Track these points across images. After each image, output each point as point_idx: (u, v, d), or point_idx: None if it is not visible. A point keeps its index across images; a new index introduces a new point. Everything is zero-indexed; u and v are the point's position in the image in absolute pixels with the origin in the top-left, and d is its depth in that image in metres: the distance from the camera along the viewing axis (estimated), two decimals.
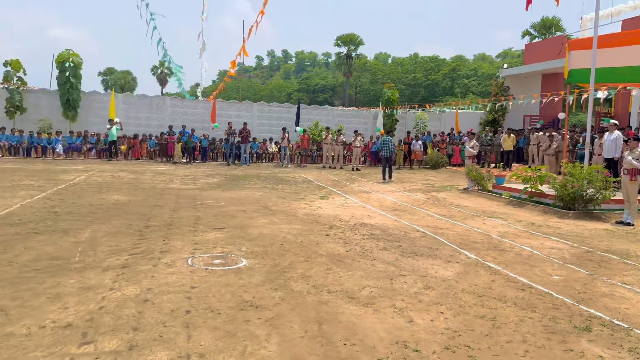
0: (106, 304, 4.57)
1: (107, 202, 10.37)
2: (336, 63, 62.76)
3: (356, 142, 22.71)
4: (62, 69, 23.36)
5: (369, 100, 61.62)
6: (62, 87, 23.42)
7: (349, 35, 58.99)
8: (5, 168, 16.38)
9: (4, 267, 5.64)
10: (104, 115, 24.27)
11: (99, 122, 24.47)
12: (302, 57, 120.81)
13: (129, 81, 72.36)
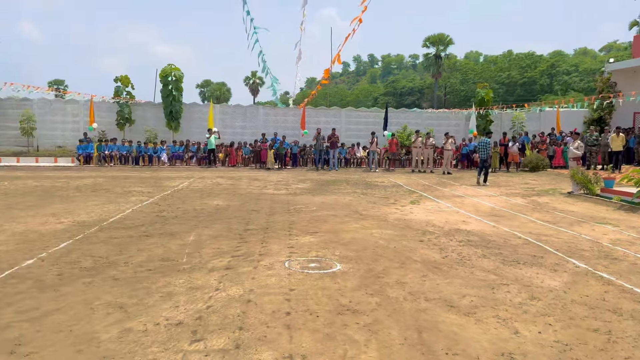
0: (213, 304, 4.83)
1: (209, 207, 10.97)
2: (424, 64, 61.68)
3: (447, 145, 22.11)
4: (165, 83, 25.15)
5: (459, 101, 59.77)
6: (166, 99, 25.20)
7: (437, 35, 57.72)
8: (118, 176, 17.91)
9: (121, 267, 6.15)
10: (203, 125, 25.77)
11: (199, 132, 26.02)
12: (388, 60, 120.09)
13: (224, 92, 76.17)
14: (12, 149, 25.13)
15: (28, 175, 17.47)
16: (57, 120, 26.20)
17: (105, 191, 13.39)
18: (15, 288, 5.27)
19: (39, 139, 25.80)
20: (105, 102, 26.47)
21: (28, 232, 8.12)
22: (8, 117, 25.10)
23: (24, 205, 10.87)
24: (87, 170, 20.44)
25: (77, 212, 10.08)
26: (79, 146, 23.47)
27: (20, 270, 5.95)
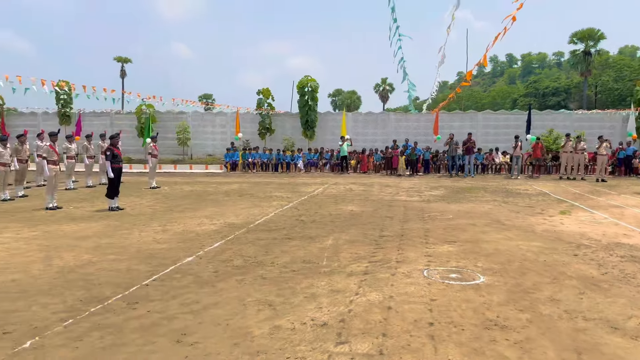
0: (354, 308, 4.90)
1: (344, 212, 11.21)
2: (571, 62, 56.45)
3: (601, 150, 19.96)
4: (302, 94, 26.34)
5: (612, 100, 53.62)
6: (302, 109, 26.38)
7: (586, 30, 52.49)
8: (260, 182, 19.14)
9: (267, 267, 6.54)
10: (336, 133, 26.48)
11: (332, 140, 26.78)
12: (529, 59, 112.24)
13: (355, 100, 77.48)
14: (171, 157, 28.21)
15: (184, 181, 19.46)
16: (207, 131, 28.85)
17: (250, 196, 14.39)
18: (179, 282, 5.88)
19: (193, 148, 28.62)
20: (249, 113, 28.52)
21: (186, 232, 9.03)
22: (167, 129, 28.25)
23: (182, 207, 12.12)
24: (233, 176, 22.17)
25: (227, 214, 10.96)
26: (227, 154, 25.57)
27: (182, 266, 6.63)
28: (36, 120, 29.75)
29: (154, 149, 17.02)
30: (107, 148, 12.11)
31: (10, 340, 4.16)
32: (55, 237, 8.54)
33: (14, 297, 5.31)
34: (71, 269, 6.46)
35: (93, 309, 4.93)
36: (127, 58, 61.70)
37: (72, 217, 10.69)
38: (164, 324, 4.54)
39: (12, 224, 9.81)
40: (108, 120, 29.37)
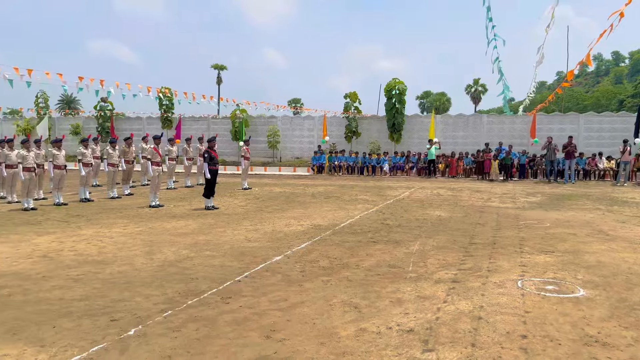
0: (442, 316, 4.79)
1: (431, 217, 10.98)
2: None
3: None
4: (389, 97, 26.16)
5: None
6: (389, 112, 26.20)
7: None
8: (345, 184, 19.28)
9: (353, 269, 6.58)
10: (424, 136, 25.99)
11: (419, 143, 26.33)
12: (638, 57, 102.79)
13: (444, 102, 75.49)
14: (261, 159, 29.26)
15: (273, 183, 20.10)
16: (295, 135, 29.58)
17: (336, 198, 14.54)
18: (268, 280, 6.09)
19: (282, 151, 29.48)
20: (336, 117, 28.84)
21: (275, 231, 9.32)
22: (258, 132, 29.34)
23: (272, 208, 12.53)
24: (319, 179, 22.53)
25: (313, 216, 11.17)
26: (314, 157, 26.05)
27: (271, 264, 6.86)
28: (141, 124, 32.20)
29: (246, 152, 17.75)
30: (204, 151, 12.82)
31: (117, 327, 4.54)
32: (157, 233, 9.19)
33: (121, 287, 5.80)
34: (171, 263, 6.93)
35: (190, 301, 5.25)
36: (223, 65, 64.97)
37: (172, 215, 11.45)
38: (255, 319, 4.73)
39: (119, 220, 10.71)
40: (205, 124, 31.08)
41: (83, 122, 32.91)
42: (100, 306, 5.10)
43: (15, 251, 7.65)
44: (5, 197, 13.82)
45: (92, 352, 3.97)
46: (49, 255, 7.36)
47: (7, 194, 13.67)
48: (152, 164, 13.14)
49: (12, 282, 5.95)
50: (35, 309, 5.00)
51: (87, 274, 6.33)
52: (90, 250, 7.74)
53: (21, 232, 9.19)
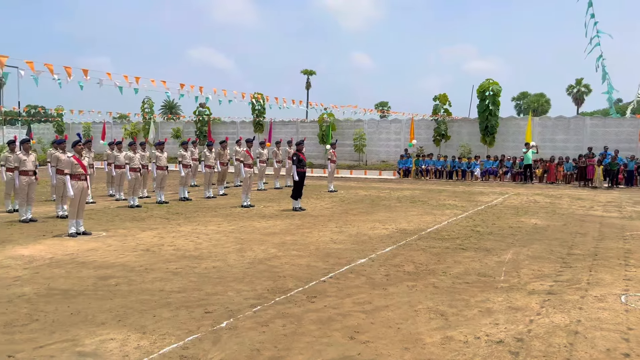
0: (534, 328, 4.55)
1: (526, 225, 10.43)
2: None
3: None
4: (482, 98, 25.19)
5: None
6: (482, 114, 25.22)
7: None
8: (433, 189, 18.86)
9: (439, 276, 6.44)
10: (519, 140, 24.72)
11: (514, 146, 25.08)
12: None
13: (542, 103, 71.25)
14: (347, 162, 29.45)
15: (359, 186, 20.15)
16: (382, 138, 29.43)
17: (422, 203, 14.28)
18: (352, 282, 6.14)
19: (368, 155, 29.47)
20: (424, 119, 28.32)
21: (360, 234, 9.35)
22: (345, 136, 29.57)
23: (357, 211, 12.58)
24: (405, 183, 22.24)
25: (398, 220, 11.06)
26: (400, 161, 25.77)
27: (355, 266, 6.90)
28: (235, 128, 33.73)
29: (333, 155, 17.99)
30: (293, 153, 13.18)
31: (211, 319, 4.81)
32: (248, 231, 9.60)
33: (215, 281, 6.13)
34: (260, 261, 7.21)
35: (278, 298, 5.43)
36: (312, 70, 66.28)
37: (262, 215, 11.89)
38: (339, 319, 4.79)
39: (214, 218, 11.30)
40: (294, 128, 31.90)
41: (183, 127, 35.11)
42: (196, 298, 5.44)
43: (121, 244, 8.36)
44: (113, 195, 15.12)
45: (187, 341, 4.24)
46: (151, 250, 7.95)
47: (115, 192, 14.94)
48: (244, 166, 13.72)
49: (119, 273, 6.51)
50: (139, 299, 5.44)
51: (184, 268, 6.77)
52: (188, 245, 8.26)
53: (127, 228, 10.01)
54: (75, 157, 9.21)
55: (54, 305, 5.18)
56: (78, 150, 9.36)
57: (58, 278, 6.24)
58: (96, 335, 4.39)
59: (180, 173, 14.86)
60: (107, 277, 6.29)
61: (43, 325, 4.61)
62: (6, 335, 4.36)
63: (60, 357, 3.92)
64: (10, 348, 4.09)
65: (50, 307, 5.14)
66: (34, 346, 4.13)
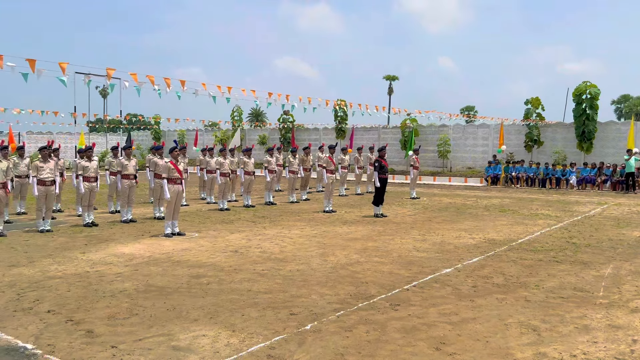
0: (638, 349, 4.18)
1: (628, 238, 9.62)
2: None
3: None
4: (578, 102, 23.61)
5: None
6: (578, 119, 23.64)
7: None
8: (524, 197, 17.93)
9: (532, 289, 6.11)
10: (620, 146, 22.90)
11: (615, 153, 23.27)
12: None
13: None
14: (430, 169, 28.82)
15: (442, 193, 19.64)
16: (468, 144, 28.49)
17: (512, 212, 13.63)
18: (437, 292, 6.00)
19: (452, 161, 28.66)
20: (514, 124, 27.05)
21: (444, 243, 9.12)
22: (428, 141, 28.98)
23: (440, 219, 12.27)
24: (493, 190, 21.34)
25: (486, 229, 10.64)
26: (488, 167, 24.77)
27: (440, 276, 6.73)
28: (318, 134, 34.26)
29: (415, 161, 17.70)
30: (375, 159, 13.15)
31: (296, 320, 4.92)
32: (330, 236, 9.70)
33: (299, 284, 6.26)
34: (342, 266, 7.26)
35: (360, 304, 5.44)
36: (394, 76, 65.69)
37: (344, 220, 11.96)
38: (424, 329, 4.70)
39: (298, 222, 11.55)
40: (376, 134, 31.80)
41: (269, 133, 36.25)
42: (281, 300, 5.59)
43: (212, 245, 8.78)
44: (205, 198, 15.94)
45: (274, 342, 4.37)
46: (239, 251, 8.28)
47: (207, 195, 15.74)
48: (326, 172, 13.89)
49: (210, 273, 6.85)
50: (228, 298, 5.69)
51: (270, 270, 6.98)
52: (273, 248, 8.51)
53: (217, 229, 10.51)
54: (172, 162, 9.83)
55: (152, 301, 5.55)
56: (174, 156, 9.97)
57: (155, 275, 6.69)
58: (190, 330, 4.65)
59: (265, 178, 15.36)
60: (199, 276, 6.64)
61: (142, 319, 4.96)
62: (110, 327, 4.74)
63: (157, 350, 4.20)
64: (113, 339, 4.44)
65: (148, 302, 5.52)
66: (134, 338, 4.46)
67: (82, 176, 11.07)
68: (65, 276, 6.61)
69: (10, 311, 5.19)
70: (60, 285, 6.15)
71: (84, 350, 4.18)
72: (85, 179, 10.99)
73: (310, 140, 31.10)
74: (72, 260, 7.57)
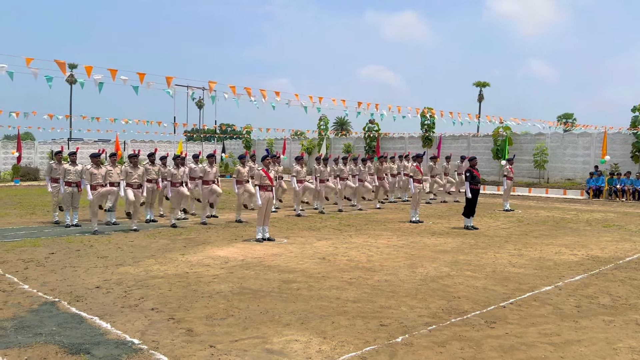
0: None
1: None
2: None
3: None
4: None
5: None
6: None
7: None
8: (630, 212, 16.45)
9: None
10: None
11: None
12: None
13: None
14: (525, 180, 27.33)
15: (539, 205, 18.53)
16: (567, 154, 26.69)
17: (618, 228, 12.55)
18: (536, 310, 5.65)
19: (550, 172, 26.98)
20: (619, 133, 24.95)
21: (543, 259, 8.59)
22: (523, 151, 27.52)
23: (538, 233, 11.58)
24: (596, 204, 19.80)
25: (589, 246, 9.89)
26: (589, 179, 23.03)
27: (539, 294, 6.35)
28: (403, 143, 33.82)
29: (509, 171, 16.90)
30: (466, 169, 12.71)
31: (386, 332, 4.87)
32: (418, 247, 9.51)
33: (387, 295, 6.19)
34: (432, 278, 7.07)
35: (453, 319, 5.26)
36: (485, 82, 63.25)
37: (432, 231, 11.67)
38: (523, 349, 4.45)
39: (384, 232, 11.45)
40: (465, 142, 30.79)
41: (354, 142, 36.39)
42: (370, 310, 5.55)
43: (300, 252, 8.95)
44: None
45: (365, 352, 4.35)
46: (327, 258, 8.37)
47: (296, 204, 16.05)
48: (413, 181, 13.66)
49: (299, 278, 6.98)
50: (318, 304, 5.75)
51: (358, 279, 6.97)
52: (360, 257, 8.50)
53: (305, 236, 10.70)
54: (264, 170, 10.17)
55: (246, 303, 5.76)
56: (266, 164, 10.31)
57: (249, 278, 6.94)
58: (282, 335, 4.76)
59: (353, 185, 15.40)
60: (289, 281, 6.79)
61: (237, 321, 5.16)
62: (208, 327, 4.97)
63: (252, 352, 4.34)
64: (211, 339, 4.66)
65: (243, 304, 5.73)
66: (230, 339, 4.64)
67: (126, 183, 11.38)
68: (167, 276, 7.05)
69: (119, 307, 5.62)
70: (163, 285, 6.57)
71: (185, 348, 4.42)
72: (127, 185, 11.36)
73: (395, 149, 30.78)
74: (173, 261, 8.06)
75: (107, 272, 7.22)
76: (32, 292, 6.14)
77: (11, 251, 8.62)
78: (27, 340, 4.54)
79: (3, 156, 30.47)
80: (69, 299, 5.86)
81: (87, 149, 29.93)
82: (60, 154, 12.36)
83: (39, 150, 32.11)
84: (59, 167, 11.94)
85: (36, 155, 31.84)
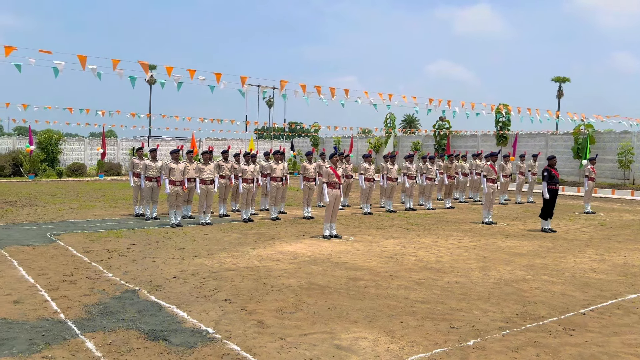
0: None
1: None
2: None
3: None
4: None
5: None
6: None
7: None
8: None
9: None
10: None
11: None
12: None
13: None
14: (608, 181, 25.61)
15: (623, 208, 17.31)
16: None
17: None
18: (620, 319, 5.30)
19: (636, 172, 25.11)
20: None
21: (628, 265, 8.03)
22: (606, 150, 25.80)
23: (622, 237, 10.83)
24: None
25: None
26: None
27: (623, 302, 5.94)
28: (476, 141, 32.74)
29: (591, 172, 15.90)
30: (544, 169, 12.11)
31: (457, 334, 4.75)
32: (491, 250, 9.19)
33: (458, 297, 6.04)
34: (506, 282, 6.81)
35: (529, 325, 5.05)
36: (565, 77, 59.84)
37: (506, 233, 11.23)
38: (604, 359, 4.19)
39: (454, 233, 11.16)
40: (543, 141, 29.32)
41: (422, 140, 35.74)
42: (440, 312, 5.45)
43: (367, 250, 8.93)
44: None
45: (434, 353, 4.27)
46: (394, 257, 8.29)
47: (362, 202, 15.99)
48: (487, 181, 13.19)
49: (367, 276, 6.97)
50: (386, 303, 5.72)
51: (427, 279, 6.86)
52: (429, 257, 8.35)
53: (371, 234, 10.65)
54: (332, 168, 10.24)
55: (314, 299, 5.83)
56: (334, 162, 10.37)
57: (316, 274, 7.02)
58: (350, 331, 4.78)
59: (421, 184, 15.17)
60: (357, 279, 6.80)
61: (306, 315, 5.24)
62: (278, 320, 5.09)
63: (321, 347, 4.39)
64: (281, 331, 4.76)
65: (311, 299, 5.81)
66: (299, 333, 4.73)
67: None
68: (239, 269, 7.28)
69: (195, 297, 5.88)
70: (235, 277, 6.80)
71: (256, 339, 4.55)
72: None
73: (467, 148, 29.94)
74: (244, 254, 8.32)
75: (183, 263, 7.57)
76: (115, 280, 6.57)
77: (96, 241, 9.26)
78: (111, 325, 4.86)
79: (89, 152, 32.75)
80: (149, 288, 6.21)
81: (166, 146, 31.47)
82: (141, 150, 13.09)
83: (121, 147, 34.21)
84: (140, 162, 12.66)
85: (119, 151, 33.93)
